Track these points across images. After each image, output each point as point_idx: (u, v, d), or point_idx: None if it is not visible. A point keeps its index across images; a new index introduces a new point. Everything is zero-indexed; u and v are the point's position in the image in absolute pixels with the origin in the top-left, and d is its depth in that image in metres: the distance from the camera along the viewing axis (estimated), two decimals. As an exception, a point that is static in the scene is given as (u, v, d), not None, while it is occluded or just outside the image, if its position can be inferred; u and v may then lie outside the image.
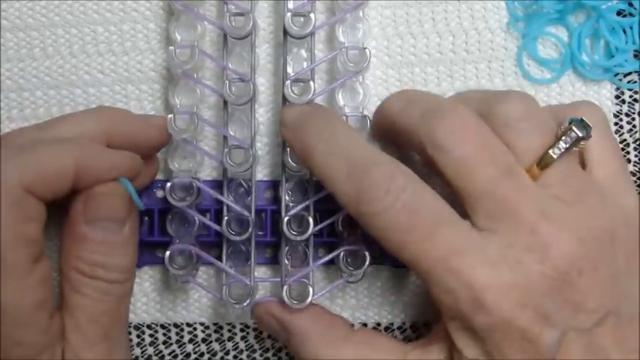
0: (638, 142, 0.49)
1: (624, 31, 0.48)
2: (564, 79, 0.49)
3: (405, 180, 0.40)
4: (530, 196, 0.40)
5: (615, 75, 0.49)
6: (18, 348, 0.39)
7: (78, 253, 0.41)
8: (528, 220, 0.39)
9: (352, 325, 0.46)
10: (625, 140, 0.49)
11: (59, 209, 0.42)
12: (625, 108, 0.49)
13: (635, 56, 0.49)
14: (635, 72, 0.49)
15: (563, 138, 0.41)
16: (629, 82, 0.49)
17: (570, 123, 0.41)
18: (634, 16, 0.48)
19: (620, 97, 0.49)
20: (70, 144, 0.41)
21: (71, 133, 0.43)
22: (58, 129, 0.43)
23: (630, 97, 0.49)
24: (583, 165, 0.43)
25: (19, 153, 0.40)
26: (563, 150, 0.41)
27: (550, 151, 0.41)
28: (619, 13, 0.49)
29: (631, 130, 0.49)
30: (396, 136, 0.44)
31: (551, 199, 0.40)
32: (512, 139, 0.41)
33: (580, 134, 0.41)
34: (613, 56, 0.49)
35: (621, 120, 0.49)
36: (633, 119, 0.49)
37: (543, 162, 0.41)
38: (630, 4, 0.48)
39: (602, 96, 0.49)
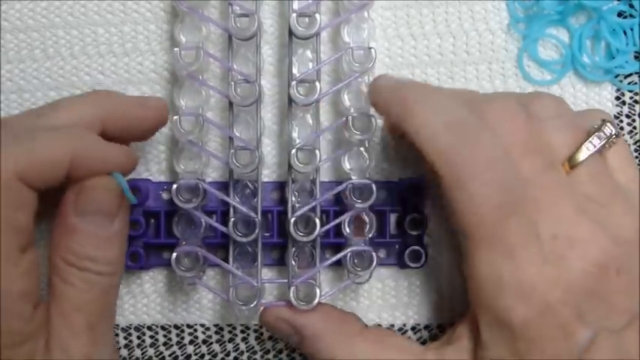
0: (638, 144, 0.50)
1: (625, 33, 0.49)
2: (565, 80, 0.50)
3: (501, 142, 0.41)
4: (569, 192, 0.40)
5: (616, 76, 0.49)
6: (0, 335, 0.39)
7: (67, 244, 0.41)
8: (568, 214, 0.40)
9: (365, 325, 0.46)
10: (625, 142, 0.49)
11: (51, 201, 0.42)
12: (625, 109, 0.50)
13: (636, 57, 0.49)
14: (636, 73, 0.49)
15: (597, 134, 0.42)
16: (629, 83, 0.49)
17: (603, 121, 0.42)
18: (634, 18, 0.49)
19: (620, 98, 0.50)
20: (66, 134, 0.40)
21: (68, 120, 0.42)
22: (55, 116, 0.42)
23: (631, 98, 0.50)
24: None
25: (15, 140, 0.39)
26: (597, 146, 0.41)
27: (583, 146, 0.41)
28: (620, 15, 0.49)
29: (631, 131, 0.50)
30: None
31: (585, 198, 0.41)
32: (546, 134, 0.42)
33: (613, 131, 0.42)
34: (614, 57, 0.49)
35: (621, 121, 0.50)
36: (634, 120, 0.50)
37: (575, 159, 0.41)
38: (631, 6, 0.49)
39: (603, 97, 0.49)
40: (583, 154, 0.41)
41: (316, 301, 0.45)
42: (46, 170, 0.39)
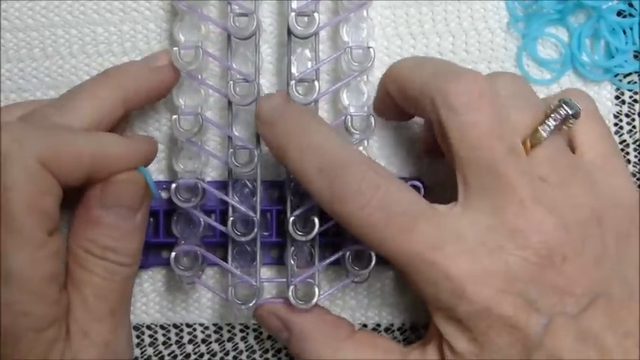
0: (637, 143, 0.49)
1: (624, 32, 0.49)
2: (564, 79, 0.50)
3: (378, 177, 0.40)
4: (526, 178, 0.40)
5: (615, 75, 0.49)
6: (25, 318, 0.39)
7: (89, 235, 0.41)
8: (519, 202, 0.39)
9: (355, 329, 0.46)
10: (625, 141, 0.49)
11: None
12: (625, 109, 0.50)
13: (635, 57, 0.49)
14: (635, 72, 0.49)
15: (553, 115, 0.41)
16: (629, 82, 0.49)
17: (559, 102, 0.41)
18: (634, 17, 0.49)
19: (620, 97, 0.50)
20: (88, 138, 0.41)
21: (90, 111, 0.43)
22: (77, 108, 0.43)
23: (630, 97, 0.50)
24: (572, 151, 0.43)
25: (38, 131, 0.40)
26: (552, 127, 0.40)
27: (540, 128, 0.40)
28: (619, 14, 0.49)
29: (631, 130, 0.49)
30: (403, 101, 0.44)
31: (538, 181, 0.40)
32: (506, 113, 0.41)
33: (569, 111, 0.41)
34: (613, 57, 0.49)
35: (621, 121, 0.49)
36: (633, 120, 0.49)
37: (533, 140, 0.40)
38: (630, 5, 0.49)
39: (602, 96, 0.49)
40: (539, 136, 0.40)
41: (315, 300, 0.45)
42: (67, 164, 0.40)
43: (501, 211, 0.39)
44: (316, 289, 0.45)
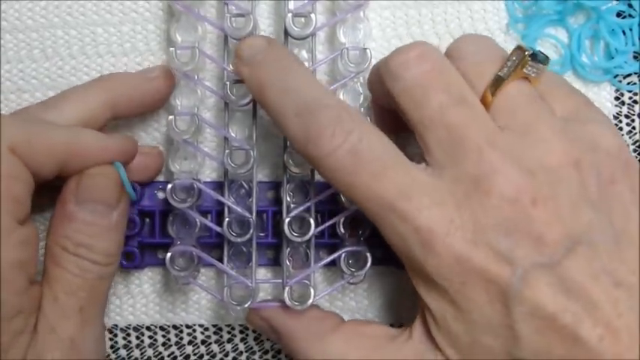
0: (637, 144, 0.49)
1: (624, 33, 0.49)
2: (564, 80, 0.49)
3: (353, 123, 0.40)
4: (480, 125, 0.39)
5: (615, 76, 0.49)
6: None
7: (64, 231, 0.41)
8: (476, 149, 0.38)
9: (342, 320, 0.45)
10: (624, 142, 0.49)
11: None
12: (624, 109, 0.49)
13: (635, 58, 0.49)
14: (635, 73, 0.49)
15: (510, 57, 0.40)
16: (628, 83, 0.49)
17: (517, 46, 0.41)
18: (634, 18, 0.48)
19: (619, 98, 0.49)
20: (62, 129, 0.42)
21: (75, 110, 0.44)
22: (61, 107, 0.44)
23: (630, 98, 0.49)
24: None
25: (14, 120, 0.41)
26: (509, 67, 0.40)
27: (499, 72, 0.40)
28: (619, 15, 0.49)
29: (630, 131, 0.49)
30: (385, 101, 0.44)
31: (499, 130, 0.39)
32: (465, 68, 0.41)
33: (527, 52, 0.40)
34: (613, 58, 0.49)
35: (620, 122, 0.49)
36: (633, 121, 0.49)
37: (492, 88, 0.40)
38: (630, 6, 0.48)
39: (602, 97, 0.49)
40: (499, 79, 0.40)
41: (310, 301, 0.45)
42: (38, 153, 0.40)
43: (461, 161, 0.39)
44: (312, 291, 0.45)
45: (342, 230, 0.46)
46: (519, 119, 0.40)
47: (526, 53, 0.40)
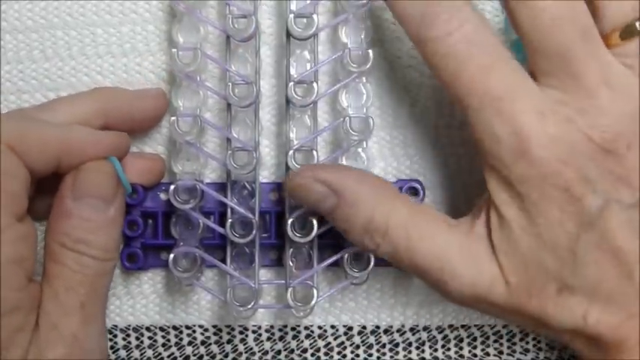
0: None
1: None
2: (564, 80, 0.49)
3: (470, 14, 0.40)
4: (599, 63, 0.40)
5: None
6: None
7: (63, 228, 0.41)
8: (590, 85, 0.39)
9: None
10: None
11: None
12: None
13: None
14: None
15: None
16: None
17: None
18: (634, 18, 0.49)
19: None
20: (56, 126, 0.42)
21: (68, 113, 0.44)
22: (54, 109, 0.44)
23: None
24: None
25: (11, 118, 0.41)
26: None
27: (637, 23, 0.40)
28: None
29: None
30: None
31: (620, 67, 0.40)
32: (603, 3, 0.41)
33: None
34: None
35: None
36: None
37: (626, 31, 0.40)
38: (630, 6, 0.49)
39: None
40: (634, 29, 0.40)
41: (313, 302, 0.45)
42: (33, 149, 0.40)
43: (572, 90, 0.39)
44: (315, 291, 0.45)
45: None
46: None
47: None
